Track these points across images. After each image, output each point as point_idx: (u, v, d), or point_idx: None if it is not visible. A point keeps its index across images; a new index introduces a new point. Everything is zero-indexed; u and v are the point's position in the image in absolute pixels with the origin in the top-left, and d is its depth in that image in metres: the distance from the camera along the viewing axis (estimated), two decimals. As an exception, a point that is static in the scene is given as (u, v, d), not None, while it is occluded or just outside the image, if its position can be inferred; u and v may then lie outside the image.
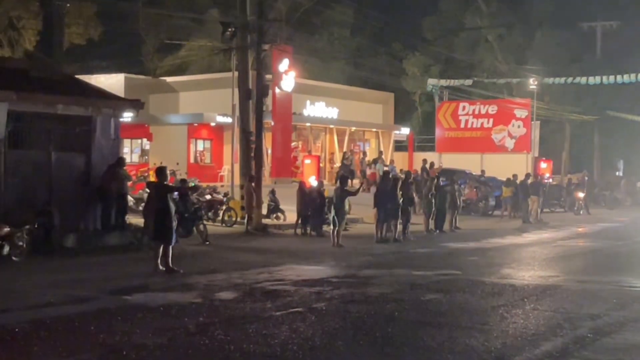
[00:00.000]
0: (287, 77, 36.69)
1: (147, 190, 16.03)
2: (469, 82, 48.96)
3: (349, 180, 29.35)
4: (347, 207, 21.01)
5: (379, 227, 21.04)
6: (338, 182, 21.06)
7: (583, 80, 44.24)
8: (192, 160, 40.73)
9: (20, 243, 15.61)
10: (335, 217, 19.90)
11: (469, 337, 8.99)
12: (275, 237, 22.50)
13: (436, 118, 49.92)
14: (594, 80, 43.91)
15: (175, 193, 17.88)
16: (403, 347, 8.51)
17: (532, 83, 45.11)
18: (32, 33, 40.86)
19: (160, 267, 14.07)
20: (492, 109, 48.08)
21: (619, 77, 43.16)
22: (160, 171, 14.62)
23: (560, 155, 51.49)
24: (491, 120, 47.92)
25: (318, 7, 49.88)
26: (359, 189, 24.35)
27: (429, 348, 8.47)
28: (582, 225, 28.88)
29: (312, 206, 22.91)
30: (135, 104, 20.15)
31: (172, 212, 14.30)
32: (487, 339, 8.89)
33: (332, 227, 20.08)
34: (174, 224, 14.41)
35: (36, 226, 16.37)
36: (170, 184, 18.98)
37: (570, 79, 44.81)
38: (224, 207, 24.86)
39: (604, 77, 43.52)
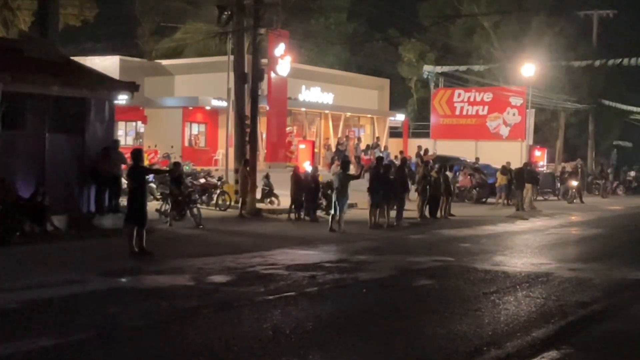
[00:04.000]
0: (283, 61, 36.63)
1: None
2: (464, 69, 48.86)
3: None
4: (349, 192, 20.87)
5: (373, 213, 21.04)
6: (339, 167, 20.73)
7: (575, 63, 44.24)
8: (186, 143, 40.71)
9: (13, 224, 15.59)
10: (337, 203, 19.79)
11: (461, 323, 9.02)
12: (268, 221, 22.50)
13: (431, 105, 49.87)
14: (586, 63, 43.91)
15: (151, 176, 17.86)
16: (395, 332, 8.54)
17: (528, 70, 45.00)
18: (26, 13, 40.54)
19: (135, 249, 14.03)
20: (488, 97, 48.02)
21: (609, 61, 43.15)
22: (136, 153, 14.64)
23: (554, 143, 51.54)
24: (486, 107, 47.87)
25: (315, -9, 49.78)
26: (361, 172, 24.01)
27: (421, 333, 8.50)
28: (575, 213, 28.94)
29: (306, 191, 22.88)
30: (130, 87, 20.04)
31: (147, 194, 14.41)
32: (479, 325, 8.92)
33: (332, 211, 19.97)
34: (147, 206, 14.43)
35: (29, 208, 16.35)
36: (146, 166, 19.02)
37: (563, 63, 44.81)
38: (218, 191, 24.85)
39: (596, 61, 43.48)
